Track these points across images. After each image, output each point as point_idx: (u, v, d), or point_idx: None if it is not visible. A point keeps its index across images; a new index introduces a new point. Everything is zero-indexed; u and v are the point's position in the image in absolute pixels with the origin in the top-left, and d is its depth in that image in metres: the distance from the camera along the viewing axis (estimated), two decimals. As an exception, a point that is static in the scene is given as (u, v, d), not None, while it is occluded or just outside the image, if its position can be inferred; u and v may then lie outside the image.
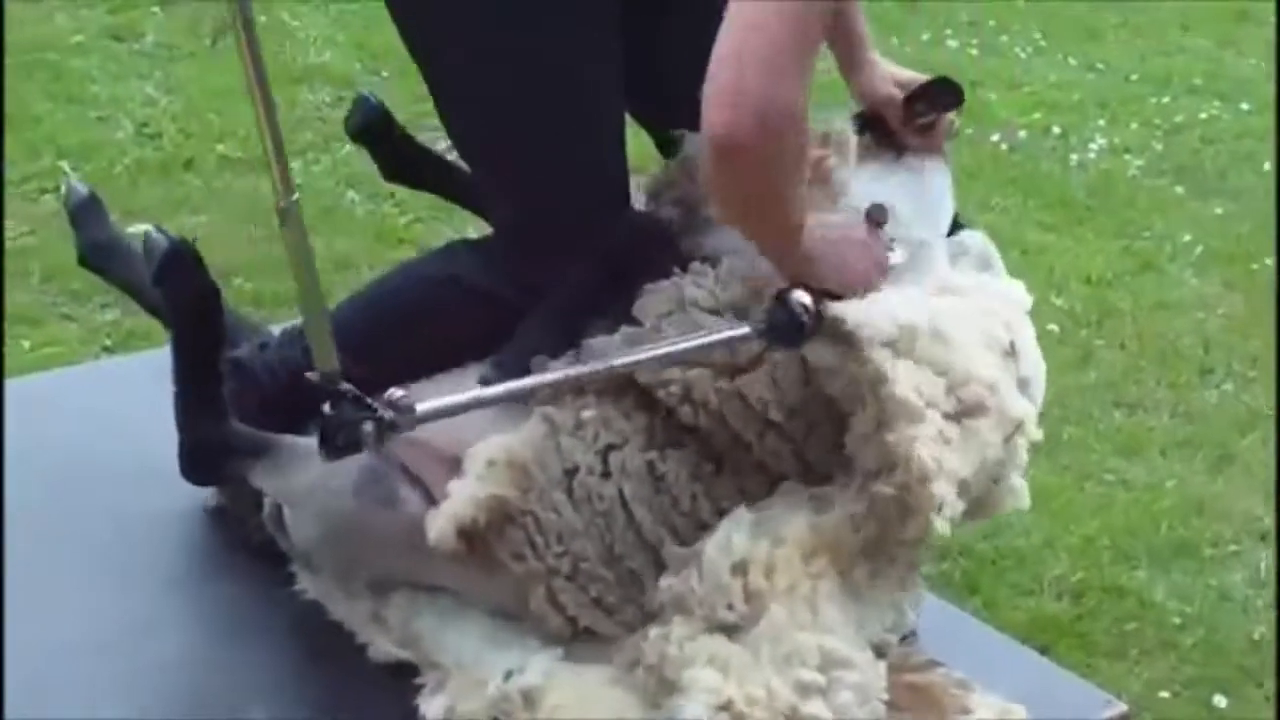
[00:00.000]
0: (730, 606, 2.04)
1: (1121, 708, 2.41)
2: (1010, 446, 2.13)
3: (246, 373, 2.40)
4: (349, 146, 4.94)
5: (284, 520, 2.34)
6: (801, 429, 2.13)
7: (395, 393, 1.99)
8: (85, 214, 2.49)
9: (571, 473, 2.16)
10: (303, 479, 2.25)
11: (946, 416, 2.07)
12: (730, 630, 2.04)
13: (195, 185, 4.69)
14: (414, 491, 2.22)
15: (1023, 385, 2.18)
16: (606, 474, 2.15)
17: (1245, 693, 3.05)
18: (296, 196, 1.96)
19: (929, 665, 2.17)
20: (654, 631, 2.07)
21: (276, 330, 2.54)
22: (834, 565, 2.07)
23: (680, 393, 2.13)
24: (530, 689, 2.10)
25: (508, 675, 2.12)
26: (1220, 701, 3.02)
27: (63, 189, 2.54)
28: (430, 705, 2.16)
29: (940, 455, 2.03)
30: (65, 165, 2.61)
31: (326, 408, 1.98)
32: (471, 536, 2.15)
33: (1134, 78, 6.16)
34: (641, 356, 2.12)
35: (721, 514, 2.13)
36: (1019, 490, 2.20)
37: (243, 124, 5.10)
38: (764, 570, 2.05)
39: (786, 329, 2.07)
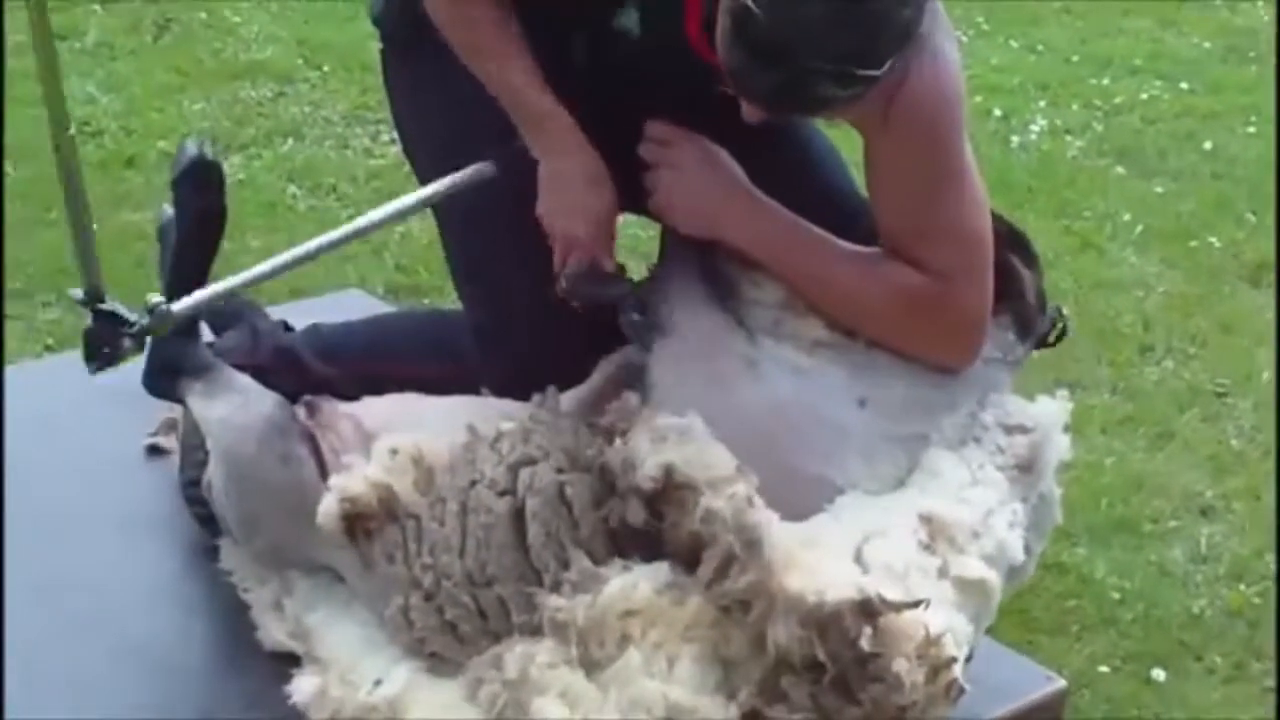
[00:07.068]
0: (602, 645, 2.02)
1: (1061, 683, 2.44)
2: None
3: (292, 355, 2.54)
4: (291, 141, 4.96)
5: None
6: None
7: (152, 299, 2.13)
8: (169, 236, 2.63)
9: (475, 484, 2.15)
10: (219, 409, 2.34)
11: None
12: (591, 667, 2.02)
13: (137, 182, 4.68)
14: (309, 454, 2.25)
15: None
16: (508, 491, 2.13)
17: (1184, 666, 3.07)
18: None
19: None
20: (521, 646, 2.05)
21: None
22: (712, 641, 2.03)
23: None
24: (392, 700, 2.11)
25: (376, 683, 2.14)
26: (1159, 675, 3.04)
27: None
28: (300, 686, 2.18)
29: None
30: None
31: (89, 323, 2.16)
32: (354, 523, 2.16)
33: (1075, 59, 6.19)
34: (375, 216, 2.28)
35: (622, 555, 2.10)
36: None
37: (184, 121, 5.09)
38: (646, 622, 2.02)
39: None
